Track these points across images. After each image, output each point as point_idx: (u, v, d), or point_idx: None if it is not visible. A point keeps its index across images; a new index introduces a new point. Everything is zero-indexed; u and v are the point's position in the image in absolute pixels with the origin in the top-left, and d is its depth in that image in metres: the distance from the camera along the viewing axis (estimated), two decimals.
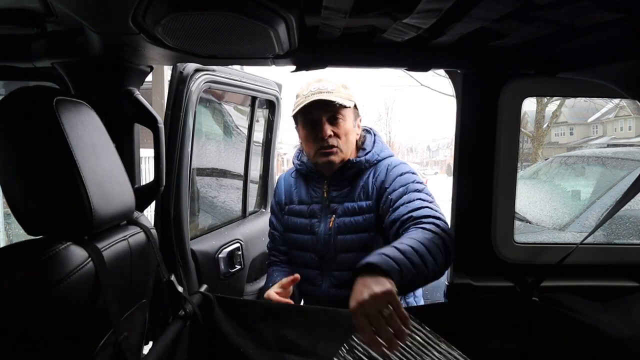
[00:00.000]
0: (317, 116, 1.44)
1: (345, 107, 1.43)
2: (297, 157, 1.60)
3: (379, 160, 1.49)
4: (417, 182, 1.39)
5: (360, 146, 1.53)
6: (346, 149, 1.46)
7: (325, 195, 1.51)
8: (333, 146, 1.44)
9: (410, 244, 1.12)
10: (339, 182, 1.49)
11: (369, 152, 1.49)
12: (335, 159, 1.45)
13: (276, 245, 1.62)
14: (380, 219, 1.41)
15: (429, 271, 1.12)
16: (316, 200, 1.52)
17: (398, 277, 1.03)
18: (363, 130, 1.57)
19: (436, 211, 1.28)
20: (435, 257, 1.13)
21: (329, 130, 1.43)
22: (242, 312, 1.26)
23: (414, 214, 1.27)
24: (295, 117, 1.53)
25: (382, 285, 0.98)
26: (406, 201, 1.33)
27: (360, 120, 1.55)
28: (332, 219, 1.48)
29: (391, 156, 1.52)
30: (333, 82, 1.46)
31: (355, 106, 1.49)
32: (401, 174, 1.41)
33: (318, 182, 1.53)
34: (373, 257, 1.06)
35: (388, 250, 1.09)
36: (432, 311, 1.31)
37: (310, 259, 1.51)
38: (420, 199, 1.32)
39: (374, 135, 1.56)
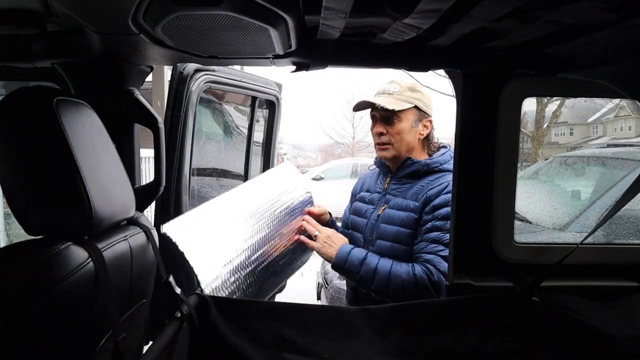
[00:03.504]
0: (375, 115, 1.65)
1: (391, 109, 1.58)
2: None
3: (440, 170, 1.61)
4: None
5: (430, 152, 1.68)
6: (399, 147, 1.62)
7: (386, 186, 1.69)
8: (384, 143, 1.62)
9: (375, 265, 1.51)
10: (400, 178, 1.65)
11: (433, 159, 1.63)
12: (386, 154, 1.63)
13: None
14: (418, 222, 1.56)
15: (367, 288, 1.53)
16: (378, 190, 1.72)
17: (336, 265, 1.56)
18: (442, 146, 1.70)
19: (439, 263, 1.47)
20: (386, 288, 1.49)
21: (380, 128, 1.63)
22: (239, 312, 1.26)
23: (426, 256, 1.49)
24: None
25: (330, 249, 1.57)
26: (436, 240, 1.50)
27: (430, 122, 1.66)
28: (383, 207, 1.65)
29: (449, 171, 1.59)
30: (401, 84, 1.64)
31: (418, 108, 1.62)
32: (446, 203, 1.50)
33: (385, 175, 1.72)
34: (347, 247, 1.57)
35: (358, 254, 1.54)
36: (432, 310, 1.31)
37: (358, 240, 1.71)
38: (446, 245, 1.47)
39: (448, 149, 1.69)
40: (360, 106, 1.68)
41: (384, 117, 1.61)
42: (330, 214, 1.80)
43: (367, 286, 1.52)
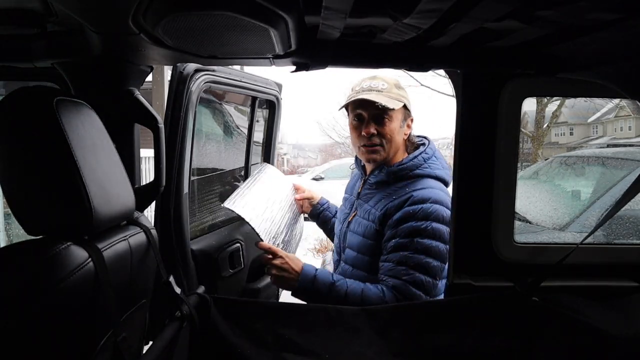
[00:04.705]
0: (364, 114, 1.49)
1: (391, 108, 1.46)
2: None
3: (410, 176, 1.48)
4: (423, 239, 1.38)
5: (409, 152, 1.55)
6: (389, 148, 1.50)
7: (359, 191, 1.61)
8: (375, 144, 1.49)
9: (344, 291, 1.39)
10: (371, 183, 1.56)
11: (402, 165, 1.49)
12: (377, 157, 1.51)
13: None
14: (379, 234, 1.46)
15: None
16: (354, 194, 1.64)
17: (300, 290, 1.42)
18: (421, 143, 1.57)
19: (406, 291, 1.37)
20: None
21: (372, 128, 1.48)
22: (239, 312, 1.27)
23: (391, 282, 1.38)
24: (346, 108, 1.59)
25: (289, 276, 1.42)
26: (402, 262, 1.38)
27: (412, 121, 1.56)
28: (354, 214, 1.58)
29: (426, 176, 1.48)
30: (386, 80, 1.50)
31: (405, 106, 1.51)
32: (415, 218, 1.39)
33: (361, 178, 1.64)
34: (310, 269, 1.43)
35: (324, 276, 1.41)
36: (432, 310, 1.31)
37: (337, 246, 1.66)
38: (413, 267, 1.37)
39: (424, 149, 1.53)
40: (357, 103, 1.51)
41: (375, 117, 1.48)
42: (322, 199, 1.89)
43: None
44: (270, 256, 1.46)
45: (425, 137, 1.60)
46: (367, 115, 1.50)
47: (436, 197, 1.41)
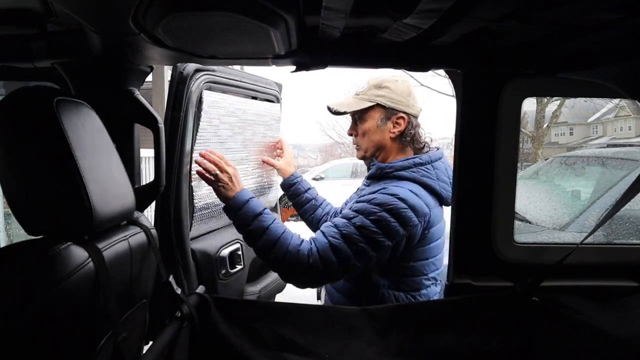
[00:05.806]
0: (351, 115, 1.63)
1: (362, 109, 1.53)
2: None
3: (395, 176, 1.47)
4: (366, 220, 1.35)
5: (416, 153, 1.55)
6: (366, 147, 1.58)
7: (359, 187, 1.68)
8: (355, 143, 1.62)
9: (267, 225, 1.39)
10: (366, 179, 1.62)
11: (390, 164, 1.51)
12: (358, 154, 1.62)
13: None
14: None
15: (253, 244, 1.42)
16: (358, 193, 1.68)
17: (231, 207, 1.44)
18: (434, 148, 1.57)
19: (320, 243, 1.36)
20: (269, 252, 1.37)
21: (350, 130, 1.62)
22: (239, 312, 1.27)
23: (317, 235, 1.39)
24: None
25: (231, 188, 1.46)
26: (337, 225, 1.38)
27: (401, 119, 1.51)
28: (348, 208, 1.56)
29: (411, 180, 1.44)
30: (370, 82, 1.57)
31: (384, 106, 1.51)
32: (371, 202, 1.37)
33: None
34: (249, 193, 1.46)
35: (256, 205, 1.42)
36: (432, 310, 1.31)
37: None
38: (344, 236, 1.35)
39: (420, 155, 1.52)
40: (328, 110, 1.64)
41: (353, 119, 1.60)
42: (296, 172, 1.90)
43: (252, 242, 1.42)
44: (217, 169, 1.47)
45: (437, 148, 1.60)
46: (351, 117, 1.63)
47: (405, 196, 1.36)
